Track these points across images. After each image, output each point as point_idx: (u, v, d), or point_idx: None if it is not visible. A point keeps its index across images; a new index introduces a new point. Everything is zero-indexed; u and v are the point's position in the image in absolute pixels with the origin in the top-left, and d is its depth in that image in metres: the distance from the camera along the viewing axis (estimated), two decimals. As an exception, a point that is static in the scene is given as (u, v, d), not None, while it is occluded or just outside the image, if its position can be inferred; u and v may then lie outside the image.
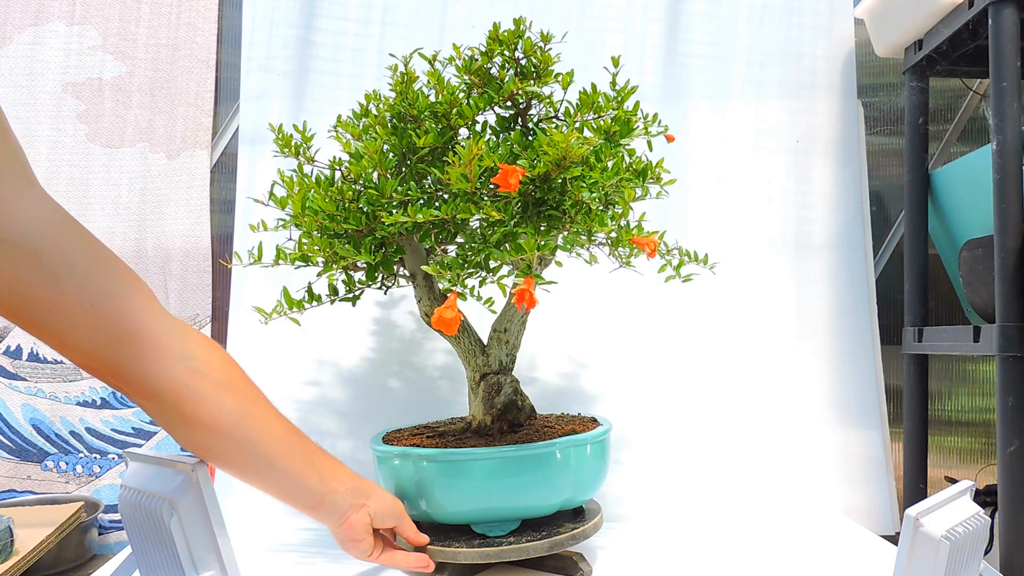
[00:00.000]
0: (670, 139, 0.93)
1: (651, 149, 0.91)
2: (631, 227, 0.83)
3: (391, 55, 0.93)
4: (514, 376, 0.97)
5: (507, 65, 0.87)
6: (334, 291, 0.93)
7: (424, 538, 0.89)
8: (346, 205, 0.86)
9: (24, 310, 0.61)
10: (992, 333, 1.01)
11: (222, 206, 1.43)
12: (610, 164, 0.84)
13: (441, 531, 0.93)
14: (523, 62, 0.86)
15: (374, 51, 1.34)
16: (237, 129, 1.37)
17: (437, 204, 0.83)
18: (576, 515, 0.97)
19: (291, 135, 0.94)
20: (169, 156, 1.43)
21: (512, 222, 0.80)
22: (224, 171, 1.44)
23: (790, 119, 1.36)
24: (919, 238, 1.27)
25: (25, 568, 1.10)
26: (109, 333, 0.64)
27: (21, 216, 0.59)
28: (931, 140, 1.31)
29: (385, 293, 1.01)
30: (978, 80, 1.44)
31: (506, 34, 0.85)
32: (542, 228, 0.83)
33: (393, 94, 0.90)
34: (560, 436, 0.90)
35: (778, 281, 1.32)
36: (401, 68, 0.89)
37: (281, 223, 0.93)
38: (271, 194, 0.90)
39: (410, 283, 0.98)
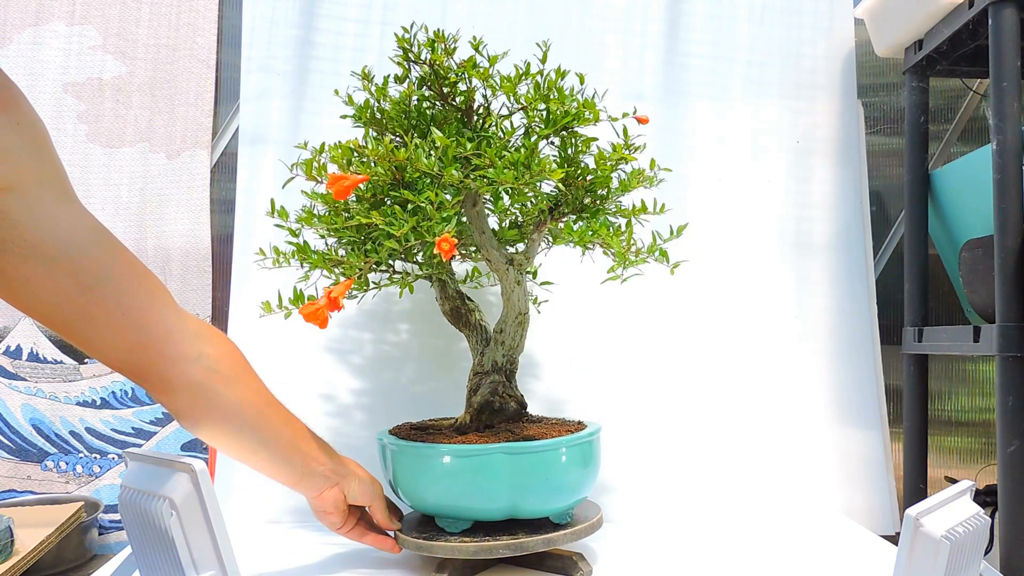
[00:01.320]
0: (642, 121, 0.91)
1: (626, 137, 0.87)
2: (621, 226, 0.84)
3: (351, 73, 0.95)
4: (497, 377, 0.97)
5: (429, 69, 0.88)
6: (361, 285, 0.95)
7: (394, 524, 0.92)
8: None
9: (59, 316, 0.66)
10: (992, 333, 1.01)
11: (222, 206, 1.43)
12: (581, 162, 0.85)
13: (424, 520, 0.95)
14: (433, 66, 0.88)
15: (374, 51, 1.34)
16: (237, 129, 1.37)
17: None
18: (560, 523, 0.92)
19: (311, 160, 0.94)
20: (169, 156, 1.43)
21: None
22: (224, 171, 1.44)
23: (790, 119, 1.36)
24: (919, 238, 1.27)
25: (25, 568, 1.10)
26: (136, 339, 0.70)
27: (62, 231, 0.64)
28: (931, 140, 1.31)
29: (400, 296, 1.03)
30: (978, 80, 1.44)
31: (406, 40, 0.88)
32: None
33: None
34: (500, 441, 0.88)
35: (778, 281, 1.32)
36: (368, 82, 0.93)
37: (291, 228, 0.95)
38: (280, 211, 0.93)
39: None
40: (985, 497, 1.11)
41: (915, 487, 1.25)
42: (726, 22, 1.37)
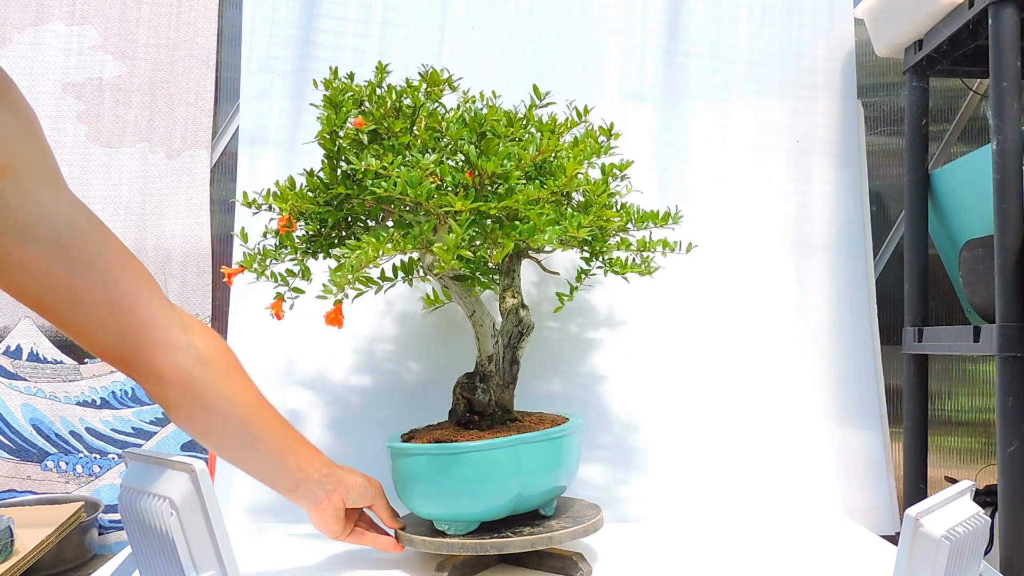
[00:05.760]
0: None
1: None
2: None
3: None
4: (461, 381, 0.98)
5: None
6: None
7: (397, 522, 0.93)
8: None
9: (49, 301, 0.68)
10: (992, 333, 1.01)
11: (222, 206, 1.43)
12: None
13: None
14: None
15: (374, 51, 1.34)
16: (237, 129, 1.37)
17: None
18: (449, 532, 0.91)
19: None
20: (169, 156, 1.43)
21: None
22: (224, 171, 1.44)
23: (790, 119, 1.36)
24: (919, 238, 1.27)
25: (25, 568, 1.10)
26: (124, 325, 0.70)
27: (53, 216, 0.65)
28: (931, 140, 1.31)
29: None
30: (978, 80, 1.44)
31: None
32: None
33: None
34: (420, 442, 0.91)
35: (778, 281, 1.32)
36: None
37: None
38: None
39: None
40: (985, 497, 1.11)
41: (915, 487, 1.25)
42: (726, 22, 1.37)
